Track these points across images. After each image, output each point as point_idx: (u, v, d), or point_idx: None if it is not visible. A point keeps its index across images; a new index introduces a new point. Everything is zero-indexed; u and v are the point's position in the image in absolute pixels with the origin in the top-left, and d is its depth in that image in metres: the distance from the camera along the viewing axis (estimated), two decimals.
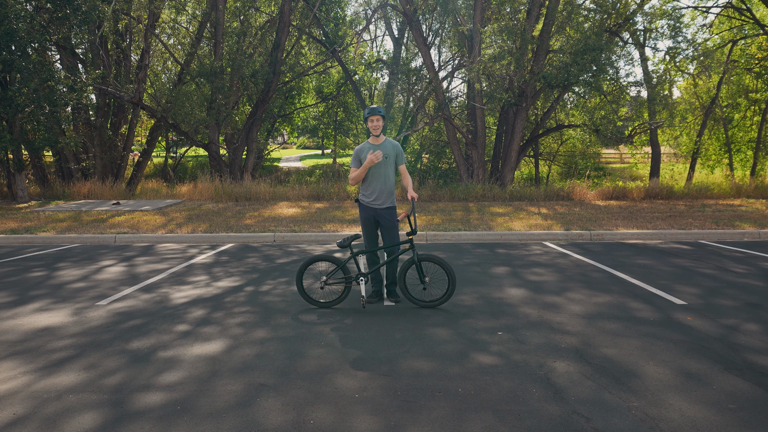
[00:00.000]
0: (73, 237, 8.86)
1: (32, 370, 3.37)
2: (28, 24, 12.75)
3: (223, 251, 7.80)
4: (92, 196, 14.61)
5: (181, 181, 19.63)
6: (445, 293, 4.69)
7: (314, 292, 5.20)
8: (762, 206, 11.95)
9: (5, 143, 12.86)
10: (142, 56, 15.75)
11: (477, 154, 15.30)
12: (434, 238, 8.70)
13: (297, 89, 21.69)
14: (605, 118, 15.20)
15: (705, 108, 17.82)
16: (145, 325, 4.26)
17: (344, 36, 18.04)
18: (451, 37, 19.04)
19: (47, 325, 4.30)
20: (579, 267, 6.40)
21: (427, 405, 2.86)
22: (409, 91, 18.05)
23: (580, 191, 13.92)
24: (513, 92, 14.36)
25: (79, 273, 6.31)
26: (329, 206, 12.68)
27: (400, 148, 4.87)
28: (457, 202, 13.60)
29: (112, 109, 17.25)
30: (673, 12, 15.38)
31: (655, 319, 4.32)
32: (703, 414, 2.74)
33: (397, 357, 3.55)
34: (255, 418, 2.74)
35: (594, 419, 2.70)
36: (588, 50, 13.04)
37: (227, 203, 13.46)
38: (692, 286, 5.41)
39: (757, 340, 3.79)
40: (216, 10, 16.18)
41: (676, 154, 22.60)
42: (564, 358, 3.49)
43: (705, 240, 8.43)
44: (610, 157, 27.92)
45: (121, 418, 2.75)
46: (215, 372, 3.32)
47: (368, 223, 4.89)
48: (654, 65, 22.90)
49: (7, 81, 13.31)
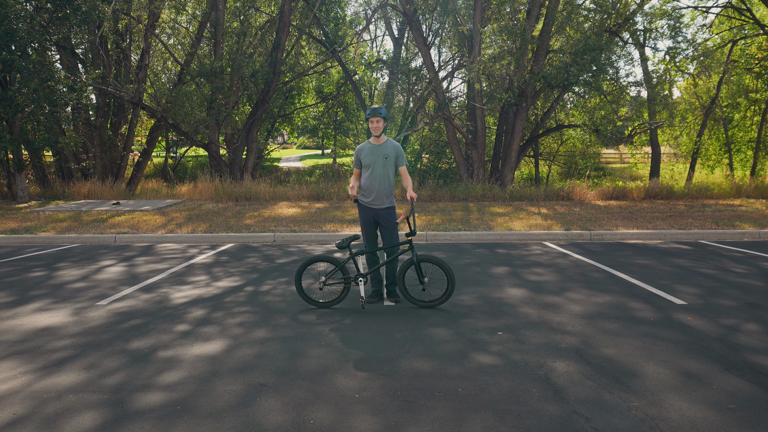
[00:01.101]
0: (73, 237, 8.86)
1: (32, 370, 3.37)
2: (28, 24, 12.75)
3: (223, 251, 7.80)
4: (92, 196, 14.61)
5: (181, 181, 19.62)
6: (445, 293, 4.69)
7: (313, 292, 5.20)
8: (762, 206, 11.95)
9: (5, 143, 12.86)
10: (142, 56, 15.76)
11: (477, 154, 15.30)
12: (434, 238, 8.70)
13: (297, 89, 21.70)
14: (605, 118, 15.20)
15: (705, 108, 17.82)
16: (145, 325, 4.26)
17: (344, 36, 18.05)
18: (451, 37, 19.04)
19: (47, 325, 4.31)
20: (579, 267, 6.40)
21: (427, 405, 2.86)
22: (409, 91, 18.05)
23: (580, 191, 13.92)
24: (513, 92, 14.36)
25: (79, 273, 6.31)
26: (329, 206, 12.68)
27: (401, 149, 4.87)
28: (457, 202, 13.60)
29: (112, 109, 17.25)
30: (673, 12, 15.38)
31: (655, 319, 4.32)
32: (703, 414, 2.74)
33: (397, 357, 3.55)
34: (255, 418, 2.74)
35: (594, 419, 2.70)
36: (588, 50, 13.04)
37: (227, 203, 13.46)
38: (692, 286, 5.41)
39: (757, 340, 3.79)
40: (216, 10, 16.18)
41: (676, 154, 22.60)
42: (564, 358, 3.49)
43: (705, 240, 8.43)
44: (610, 157, 27.92)
45: (121, 418, 2.75)
46: (215, 372, 3.32)
47: (368, 223, 4.89)
48: (654, 65, 22.92)
49: (7, 81, 13.30)
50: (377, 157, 4.74)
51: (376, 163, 4.74)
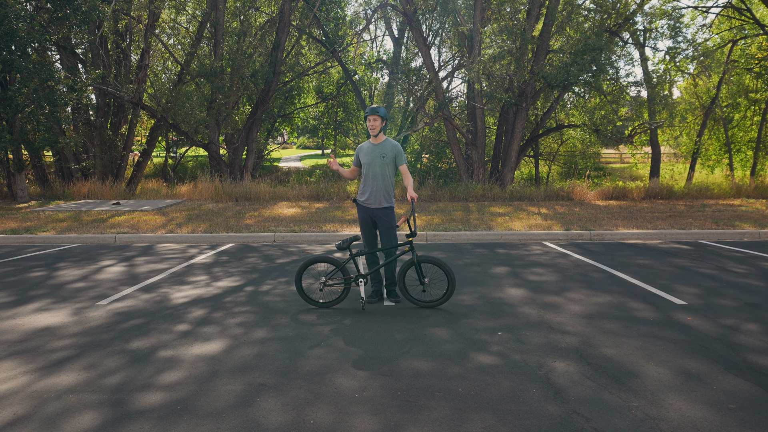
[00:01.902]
0: (73, 237, 8.86)
1: (32, 370, 3.37)
2: (28, 24, 12.75)
3: (223, 251, 7.80)
4: (92, 196, 14.61)
5: (181, 181, 19.63)
6: (445, 294, 4.69)
7: (313, 292, 5.20)
8: (762, 206, 11.95)
9: (5, 143, 12.86)
10: (142, 56, 15.75)
11: (477, 154, 15.30)
12: (434, 238, 8.70)
13: (297, 89, 21.70)
14: (605, 118, 15.20)
15: (705, 108, 17.82)
16: (145, 325, 4.26)
17: (344, 36, 18.05)
18: (451, 37, 19.04)
19: (47, 325, 4.30)
20: (579, 267, 6.40)
21: (427, 405, 2.86)
22: (409, 91, 18.05)
23: (580, 191, 13.92)
24: (513, 92, 14.36)
25: (79, 273, 6.31)
26: (329, 206, 12.68)
27: (400, 149, 4.86)
28: (457, 202, 13.60)
29: (112, 109, 17.25)
30: (673, 12, 15.38)
31: (655, 319, 4.32)
32: (703, 414, 2.74)
33: (397, 357, 3.55)
34: (255, 418, 2.74)
35: (594, 419, 2.69)
36: (588, 50, 13.05)
37: (227, 203, 13.46)
38: (692, 286, 5.41)
39: (757, 340, 3.79)
40: (216, 10, 16.19)
41: (676, 154, 22.60)
42: (564, 358, 3.49)
43: (705, 240, 8.43)
44: (610, 157, 27.92)
45: (121, 418, 2.75)
46: (215, 372, 3.32)
47: (366, 223, 4.89)
48: (654, 65, 22.89)
49: (7, 81, 13.30)
50: (375, 156, 4.74)
51: (374, 162, 4.73)
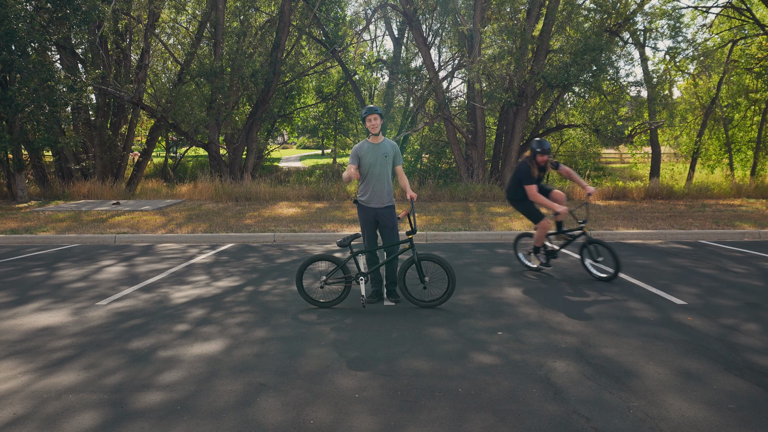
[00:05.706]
0: (72, 237, 8.86)
1: (32, 370, 3.37)
2: (28, 24, 12.74)
3: (223, 251, 7.80)
4: (92, 196, 14.61)
5: (181, 181, 19.62)
6: (445, 293, 4.69)
7: (314, 291, 5.20)
8: (762, 206, 11.95)
9: (5, 143, 12.86)
10: (142, 56, 15.75)
11: (477, 154, 15.30)
12: (434, 238, 8.70)
13: (297, 89, 21.70)
14: (605, 118, 15.19)
15: (705, 108, 17.82)
16: (144, 325, 4.26)
17: (344, 36, 18.05)
18: (451, 37, 19.04)
19: (47, 324, 4.30)
20: (579, 267, 6.40)
21: (427, 405, 2.86)
22: (409, 91, 18.05)
23: (580, 191, 13.91)
24: (513, 92, 14.36)
25: (78, 273, 6.31)
26: (329, 206, 12.67)
27: (398, 149, 4.88)
28: (457, 202, 13.60)
29: (112, 109, 17.25)
30: (673, 12, 15.37)
31: (655, 319, 4.32)
32: (703, 414, 2.74)
33: (397, 357, 3.55)
34: (255, 417, 2.74)
35: (594, 419, 2.69)
36: (588, 50, 13.04)
37: (227, 203, 13.46)
38: (692, 286, 5.41)
39: (757, 340, 3.79)
40: (216, 9, 16.18)
41: (676, 154, 22.59)
42: (564, 358, 3.49)
43: (705, 240, 8.43)
44: (610, 157, 27.90)
45: (121, 417, 2.75)
46: (215, 372, 3.32)
47: (367, 223, 4.89)
48: (654, 65, 22.87)
49: (7, 81, 13.30)
50: (377, 156, 4.74)
51: (376, 162, 4.74)
